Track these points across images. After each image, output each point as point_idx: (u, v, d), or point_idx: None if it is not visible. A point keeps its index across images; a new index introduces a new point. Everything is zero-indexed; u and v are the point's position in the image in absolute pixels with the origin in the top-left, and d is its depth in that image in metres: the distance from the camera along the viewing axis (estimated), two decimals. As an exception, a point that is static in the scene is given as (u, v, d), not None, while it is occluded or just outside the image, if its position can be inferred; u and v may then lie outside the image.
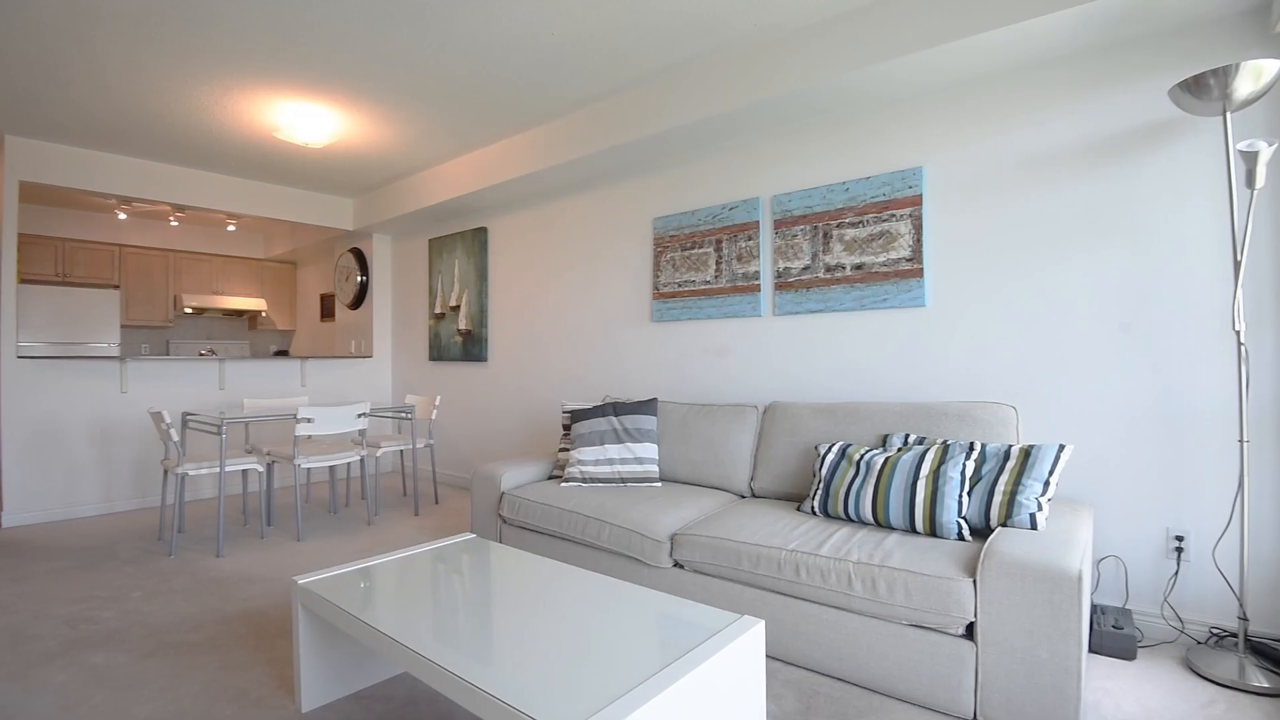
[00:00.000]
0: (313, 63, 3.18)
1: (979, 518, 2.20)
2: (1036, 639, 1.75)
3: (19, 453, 4.23)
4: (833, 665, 2.10)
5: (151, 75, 3.31)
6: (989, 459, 2.28)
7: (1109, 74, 2.46)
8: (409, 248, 6.01)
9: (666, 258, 3.80)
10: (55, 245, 6.08)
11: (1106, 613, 2.37)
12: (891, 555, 2.03)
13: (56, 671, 2.20)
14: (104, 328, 6.08)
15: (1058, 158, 2.57)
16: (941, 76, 2.74)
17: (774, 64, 2.93)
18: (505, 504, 3.13)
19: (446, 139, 4.30)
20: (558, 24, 2.83)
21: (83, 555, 3.52)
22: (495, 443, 5.08)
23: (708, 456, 3.10)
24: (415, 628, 1.64)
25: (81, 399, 4.48)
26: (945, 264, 2.84)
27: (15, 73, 3.26)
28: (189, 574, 3.19)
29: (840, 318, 3.13)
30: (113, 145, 4.38)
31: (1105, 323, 2.48)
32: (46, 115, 3.83)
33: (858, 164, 3.08)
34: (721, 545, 2.33)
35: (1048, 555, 1.79)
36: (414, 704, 1.99)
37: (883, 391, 3.01)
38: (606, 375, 4.21)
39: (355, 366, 6.02)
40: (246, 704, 1.98)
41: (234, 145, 4.39)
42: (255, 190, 5.35)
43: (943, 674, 1.89)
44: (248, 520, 4.25)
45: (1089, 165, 2.51)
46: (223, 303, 7.06)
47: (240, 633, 2.49)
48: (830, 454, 2.56)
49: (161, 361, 4.83)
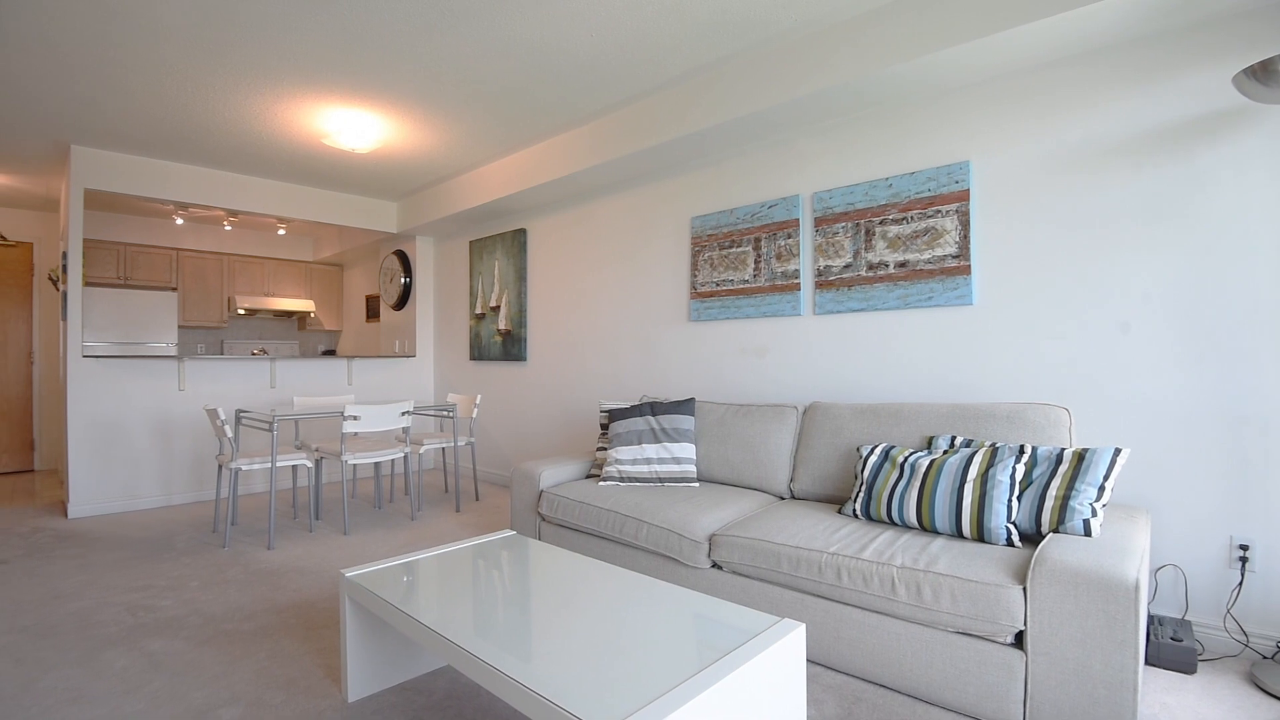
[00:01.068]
0: (358, 70, 3.26)
1: (1029, 523, 2.13)
2: (1090, 650, 1.68)
3: (84, 448, 4.44)
4: (875, 671, 2.06)
5: (208, 85, 3.44)
6: (1040, 462, 2.21)
7: (1166, 62, 2.36)
8: (450, 249, 6.11)
9: (704, 257, 3.78)
10: (117, 250, 6.37)
11: (1164, 624, 2.27)
12: (937, 560, 1.99)
13: (119, 656, 2.31)
14: (163, 328, 6.35)
15: (1112, 149, 2.47)
16: (989, 68, 2.66)
17: (814, 60, 2.89)
18: (544, 502, 3.16)
19: (487, 142, 4.36)
20: (597, 27, 2.85)
21: (143, 546, 3.68)
22: (534, 441, 5.13)
23: (746, 457, 3.07)
24: (457, 622, 1.67)
25: (142, 396, 4.69)
26: (993, 261, 2.76)
27: (82, 86, 3.42)
28: (241, 565, 3.30)
29: (883, 316, 3.07)
30: (171, 153, 4.57)
31: (1163, 320, 2.37)
32: (110, 126, 4.01)
33: (901, 159, 3.01)
34: (761, 547, 2.31)
35: (1103, 562, 1.72)
36: (454, 697, 2.02)
37: (927, 392, 2.94)
38: (644, 375, 4.21)
39: (399, 366, 6.16)
40: (295, 692, 2.04)
41: (284, 152, 4.53)
42: (304, 195, 5.51)
43: (990, 683, 1.84)
44: (297, 514, 4.38)
45: (1145, 157, 2.40)
46: (274, 304, 7.30)
47: (290, 623, 2.57)
48: (873, 456, 2.51)
49: (216, 361, 5.01)
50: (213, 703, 1.99)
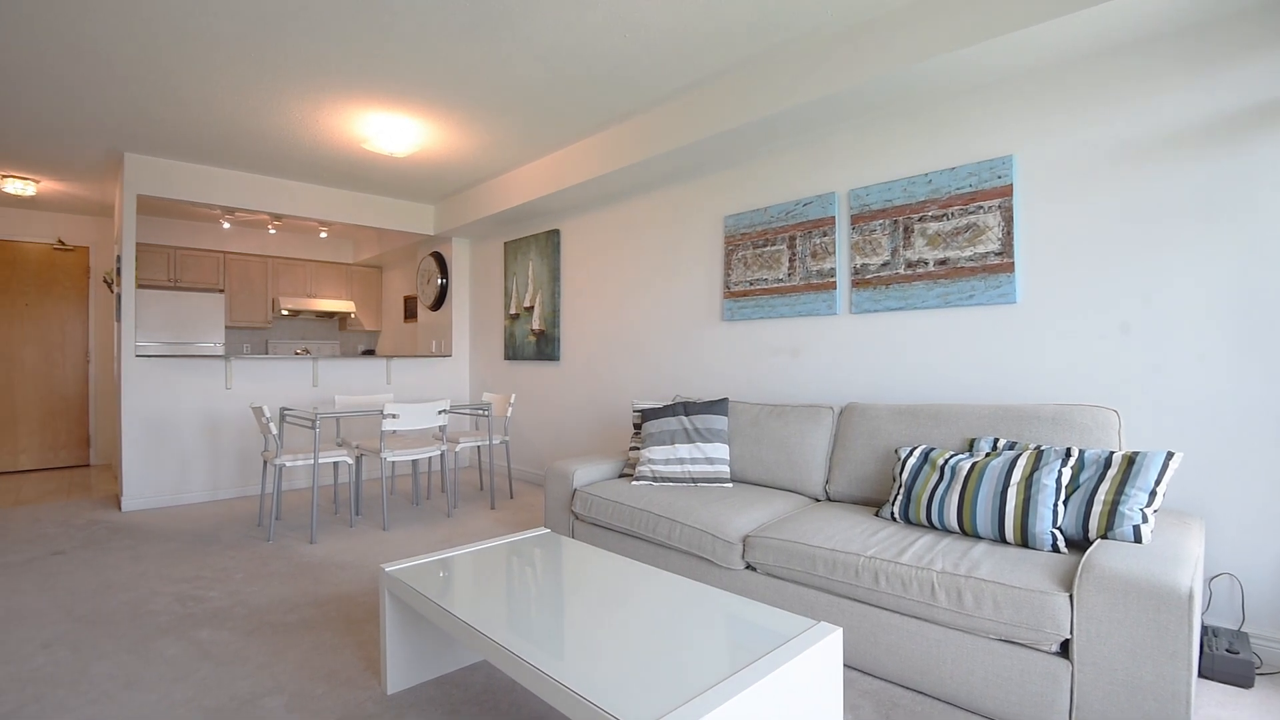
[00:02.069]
0: (397, 75, 3.32)
1: (1076, 529, 2.06)
2: (1140, 660, 1.63)
3: (137, 444, 4.62)
4: (913, 677, 2.02)
5: (253, 93, 3.54)
6: (1088, 466, 2.14)
7: (1222, 50, 2.26)
8: (486, 250, 6.19)
9: (738, 256, 3.76)
10: (167, 253, 6.61)
11: (1219, 635, 2.18)
12: (979, 565, 1.94)
13: (169, 644, 2.39)
14: (210, 329, 6.56)
15: (1163, 142, 2.38)
16: (1033, 59, 2.59)
17: (850, 55, 2.84)
18: (577, 500, 3.18)
19: (521, 144, 4.40)
20: (631, 28, 2.85)
21: (191, 539, 3.80)
22: (567, 440, 5.16)
23: (781, 458, 3.05)
24: (494, 618, 1.69)
25: (191, 395, 4.85)
26: (1038, 258, 2.68)
27: (135, 96, 3.56)
28: (285, 558, 3.39)
29: (922, 315, 3.01)
30: (219, 159, 4.72)
31: (1217, 319, 2.28)
32: (162, 134, 4.16)
33: (941, 154, 2.95)
34: (796, 549, 2.29)
35: (1153, 570, 1.66)
36: (490, 692, 2.05)
37: (968, 393, 2.88)
38: (676, 374, 4.21)
39: (436, 365, 6.26)
40: (337, 683, 2.09)
41: (325, 156, 4.65)
42: (345, 199, 5.64)
43: (1034, 693, 1.79)
44: (338, 509, 4.49)
45: (1199, 149, 2.31)
46: (316, 305, 7.48)
47: (331, 615, 2.64)
48: (912, 458, 2.47)
49: (261, 360, 5.16)
50: (258, 692, 2.05)
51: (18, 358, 6.12)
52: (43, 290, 6.25)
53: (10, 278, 6.10)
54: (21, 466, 6.14)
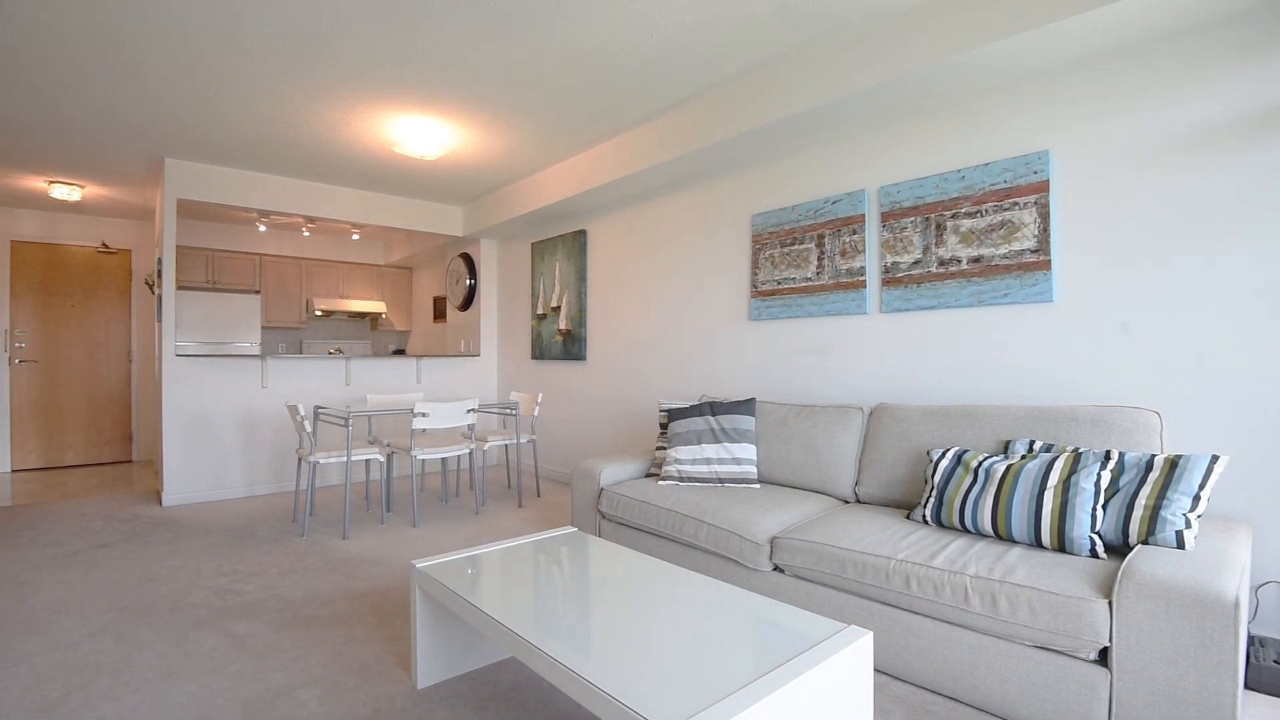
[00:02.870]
0: (427, 79, 3.36)
1: (1115, 534, 2.01)
2: (1182, 670, 1.58)
3: (177, 441, 4.75)
4: (945, 684, 1.99)
5: (288, 99, 3.62)
6: (1128, 469, 2.08)
7: (1274, 37, 2.18)
8: (513, 251, 6.24)
9: (765, 255, 3.73)
10: (205, 255, 6.79)
11: (1267, 645, 2.10)
12: (1014, 570, 1.90)
13: (207, 636, 2.45)
14: (247, 329, 6.72)
15: (1210, 134, 2.30)
16: (1072, 51, 2.52)
17: (880, 50, 2.80)
18: (604, 500, 3.18)
19: (548, 145, 4.43)
20: (657, 26, 2.85)
21: (228, 533, 3.90)
22: (593, 439, 5.18)
23: (809, 459, 3.02)
24: (523, 615, 1.70)
25: (228, 393, 4.98)
26: (1075, 255, 2.61)
27: (175, 103, 3.66)
28: (318, 554, 3.46)
29: (954, 314, 2.96)
30: (255, 164, 4.83)
31: (1266, 317, 2.19)
32: (201, 140, 4.27)
33: (974, 149, 2.89)
34: (825, 551, 2.26)
35: (1197, 577, 1.61)
36: (518, 688, 2.06)
37: (1002, 394, 2.82)
38: (703, 374, 4.19)
39: (464, 365, 6.33)
40: (369, 677, 2.13)
41: (358, 160, 4.73)
42: (376, 201, 5.74)
43: (1070, 701, 1.75)
44: (369, 506, 4.57)
45: (1248, 141, 2.23)
46: (348, 306, 7.62)
47: (363, 610, 2.68)
48: (944, 460, 2.42)
49: (296, 360, 5.27)
50: (292, 684, 2.09)
51: (65, 357, 6.34)
52: (88, 292, 6.47)
53: (57, 280, 6.32)
54: (68, 462, 6.36)
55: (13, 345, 6.08)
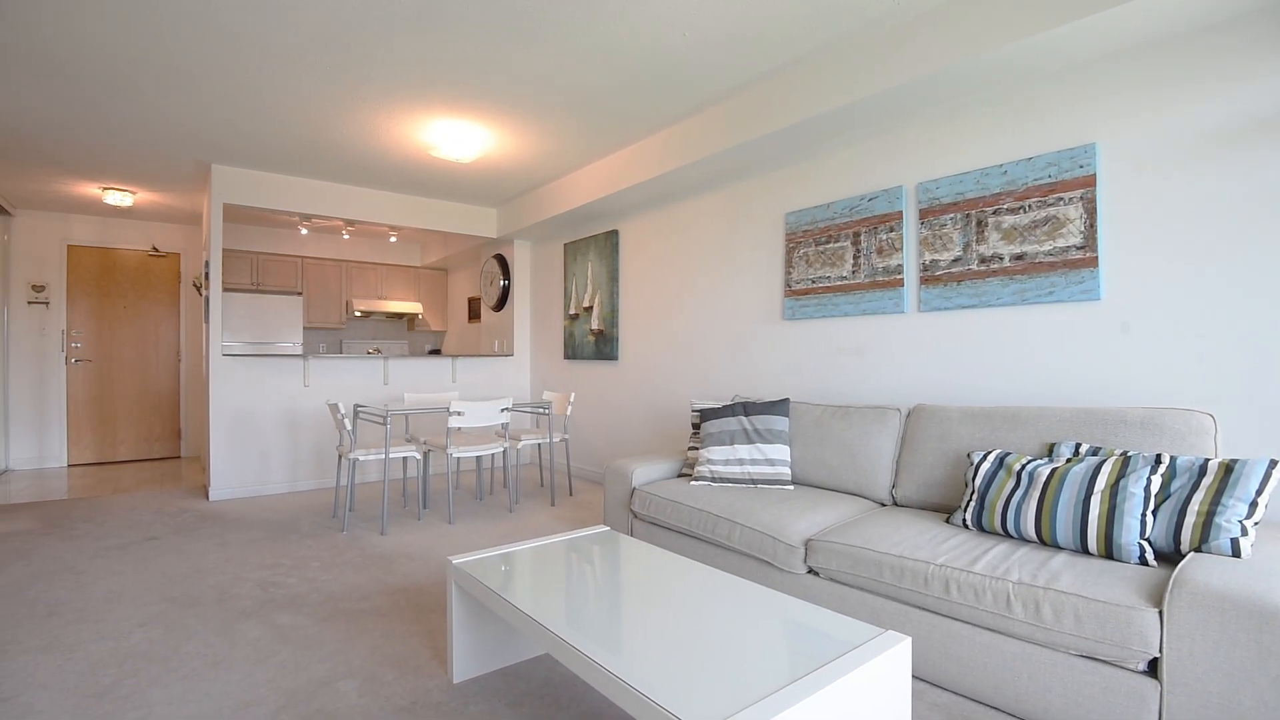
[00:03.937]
0: (464, 82, 3.40)
1: (1166, 540, 1.93)
2: (1238, 683, 1.51)
3: (223, 437, 4.90)
4: (986, 692, 1.94)
5: (330, 106, 3.70)
6: (1179, 474, 2.00)
7: (1343, 23, 2.07)
8: (546, 252, 6.29)
9: (799, 253, 3.69)
10: (250, 258, 6.99)
11: (1336, 661, 2.00)
12: (1059, 577, 1.84)
13: (251, 627, 2.52)
14: (289, 329, 6.91)
15: (1267, 124, 2.20)
16: (1117, 42, 2.44)
17: (917, 44, 2.75)
18: (636, 499, 3.18)
19: (581, 147, 4.45)
20: (690, 25, 2.84)
21: (272, 528, 4.01)
22: (625, 439, 5.19)
23: (844, 460, 2.97)
24: (557, 613, 1.71)
25: (272, 392, 5.12)
26: (1123, 251, 2.53)
27: (223, 111, 3.78)
28: (358, 549, 3.54)
29: (996, 313, 2.88)
30: (297, 169, 4.96)
31: (1336, 318, 2.09)
32: (246, 146, 4.40)
33: (1017, 144, 2.82)
34: (861, 554, 2.23)
35: (1254, 587, 1.54)
36: (551, 685, 2.08)
37: (1047, 395, 2.74)
38: (736, 374, 4.16)
39: (498, 364, 6.40)
40: (406, 670, 2.16)
41: (396, 164, 4.82)
42: (413, 204, 5.84)
43: (1117, 713, 1.69)
44: (407, 503, 4.65)
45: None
46: (386, 306, 7.77)
47: (401, 604, 2.73)
48: (986, 463, 2.36)
49: (336, 359, 5.40)
50: (332, 675, 2.14)
51: (118, 357, 6.60)
52: (139, 294, 6.72)
53: (111, 282, 6.58)
54: (120, 457, 6.61)
55: (69, 345, 6.35)
